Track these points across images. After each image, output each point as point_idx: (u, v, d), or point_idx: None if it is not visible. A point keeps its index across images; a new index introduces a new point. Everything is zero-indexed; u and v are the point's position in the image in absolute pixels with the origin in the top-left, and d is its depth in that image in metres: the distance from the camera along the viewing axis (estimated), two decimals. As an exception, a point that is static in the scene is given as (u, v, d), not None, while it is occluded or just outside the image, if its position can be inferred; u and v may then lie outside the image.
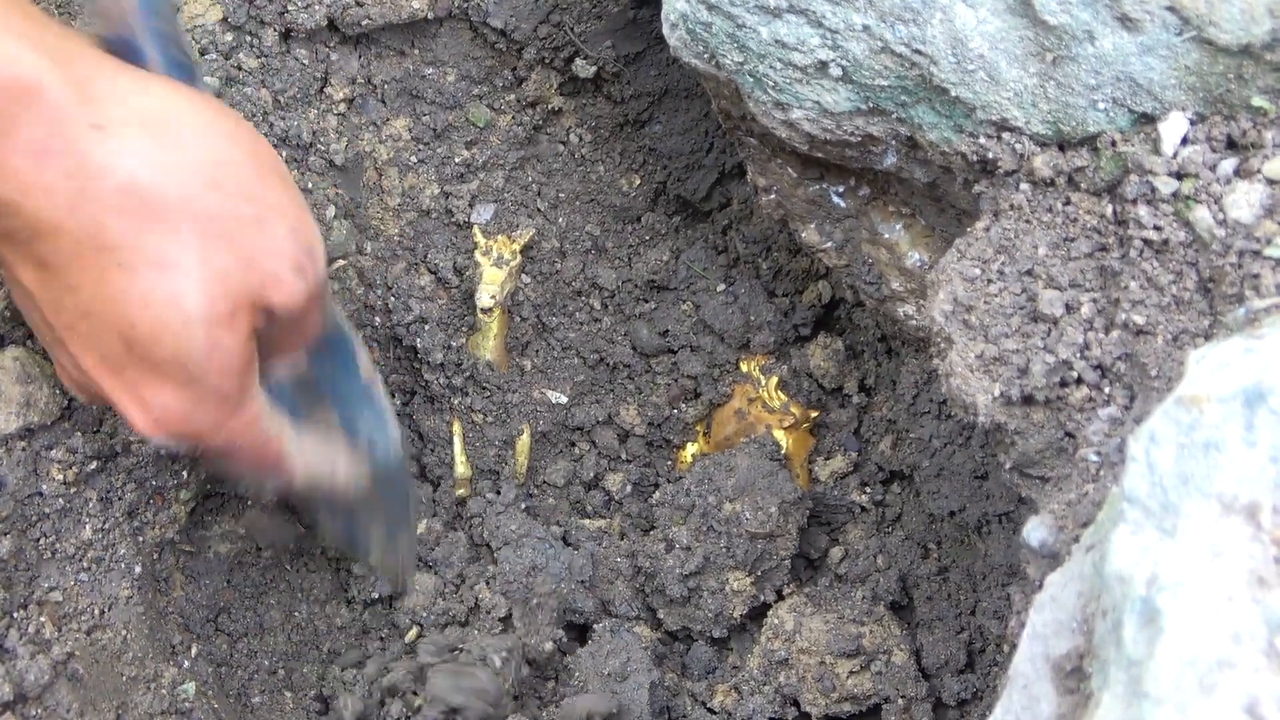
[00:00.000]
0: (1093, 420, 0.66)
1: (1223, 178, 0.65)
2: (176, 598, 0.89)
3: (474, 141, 1.08)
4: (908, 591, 1.04)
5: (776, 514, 1.02)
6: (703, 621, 1.03)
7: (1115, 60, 0.66)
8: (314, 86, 1.00)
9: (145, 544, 0.84)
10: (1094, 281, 0.68)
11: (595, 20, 1.04)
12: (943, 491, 0.99)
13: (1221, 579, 0.48)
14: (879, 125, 0.76)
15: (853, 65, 0.73)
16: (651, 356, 1.14)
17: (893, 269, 0.89)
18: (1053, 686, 0.56)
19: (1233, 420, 0.51)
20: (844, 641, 0.97)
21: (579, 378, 1.12)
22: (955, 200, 0.81)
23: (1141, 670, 0.48)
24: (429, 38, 1.05)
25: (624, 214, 1.15)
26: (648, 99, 1.09)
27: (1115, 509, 0.54)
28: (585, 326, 1.13)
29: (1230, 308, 0.62)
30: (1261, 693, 0.45)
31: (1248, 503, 0.50)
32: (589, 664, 0.97)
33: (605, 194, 1.14)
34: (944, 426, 0.99)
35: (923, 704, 0.95)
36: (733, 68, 0.77)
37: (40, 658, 0.76)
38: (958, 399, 0.71)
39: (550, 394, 1.10)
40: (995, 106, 0.70)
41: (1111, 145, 0.68)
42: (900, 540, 1.05)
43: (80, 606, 0.80)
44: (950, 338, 0.71)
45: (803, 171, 0.88)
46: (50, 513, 0.79)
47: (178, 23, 0.79)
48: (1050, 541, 0.64)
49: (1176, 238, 0.65)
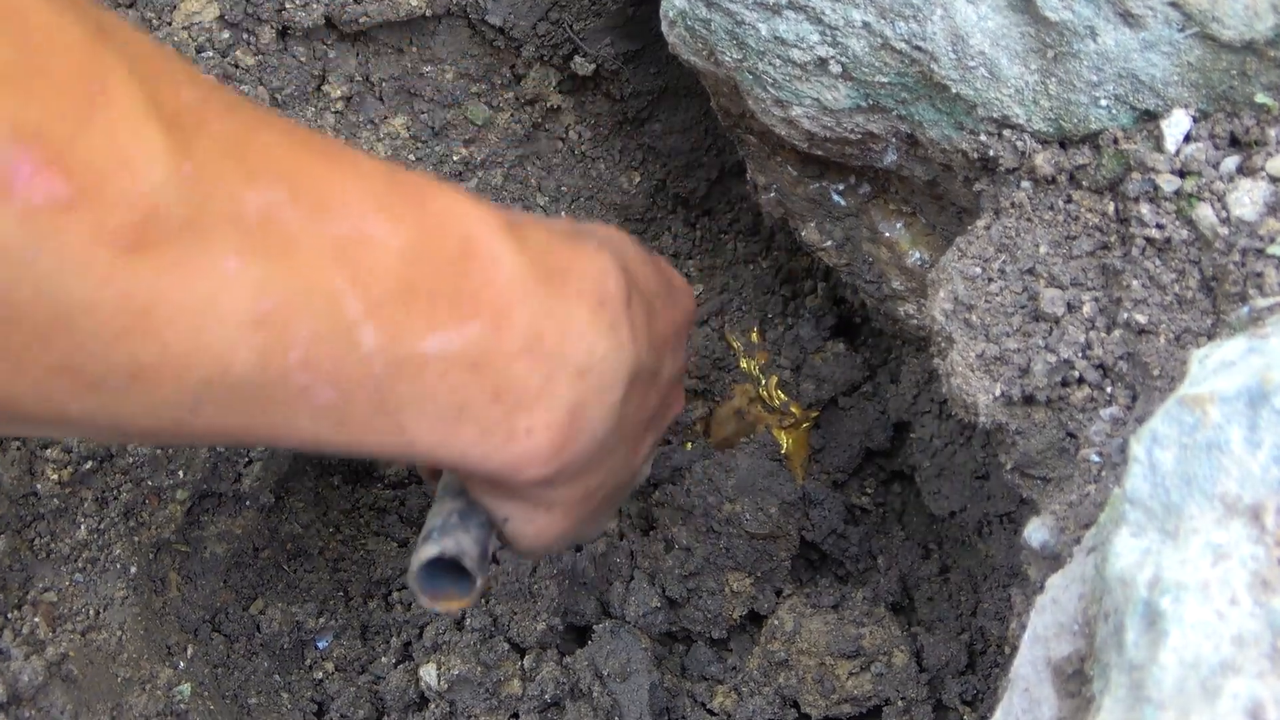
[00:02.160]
0: (1094, 420, 0.65)
1: (1226, 175, 0.64)
2: (173, 598, 0.89)
3: (472, 139, 1.08)
4: (908, 592, 1.03)
5: (776, 514, 1.01)
6: (702, 622, 1.02)
7: (1117, 57, 0.66)
8: (311, 84, 0.99)
9: (141, 544, 0.84)
10: (1096, 280, 0.68)
11: (594, 18, 1.03)
12: (943, 492, 0.99)
13: (1224, 581, 0.48)
14: (879, 122, 0.76)
15: (852, 62, 0.72)
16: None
17: (893, 268, 0.89)
18: (1054, 689, 0.55)
19: (1236, 420, 0.51)
20: (844, 643, 0.96)
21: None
22: (956, 198, 0.81)
23: (1143, 674, 0.47)
24: (427, 35, 1.04)
25: (624, 211, 1.14)
26: (647, 97, 1.09)
27: (1117, 510, 0.54)
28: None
29: (1233, 307, 0.61)
30: (1265, 697, 0.45)
31: (1251, 504, 0.49)
32: (589, 664, 0.96)
33: (605, 192, 1.13)
34: (945, 426, 0.99)
35: (923, 706, 0.95)
36: (732, 65, 0.77)
37: (34, 659, 0.75)
38: (958, 399, 0.70)
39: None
40: (996, 104, 0.70)
41: (1113, 143, 0.68)
42: (901, 541, 1.05)
43: (75, 607, 0.80)
44: (951, 337, 0.71)
45: (802, 169, 0.87)
46: (45, 513, 0.79)
47: None
48: (1051, 543, 0.64)
49: (1179, 236, 0.64)
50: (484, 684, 0.95)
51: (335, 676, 0.99)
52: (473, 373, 0.52)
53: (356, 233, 0.48)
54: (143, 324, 0.42)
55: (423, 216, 0.51)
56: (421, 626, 1.00)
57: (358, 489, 1.06)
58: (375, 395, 0.50)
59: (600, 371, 0.57)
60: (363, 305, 0.48)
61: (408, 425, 0.52)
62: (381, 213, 0.50)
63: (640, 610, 1.00)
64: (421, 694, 0.97)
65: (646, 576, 1.02)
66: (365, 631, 1.02)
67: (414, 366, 0.50)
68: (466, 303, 0.52)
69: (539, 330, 0.54)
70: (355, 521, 1.05)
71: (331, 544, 1.03)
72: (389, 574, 1.04)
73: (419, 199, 0.52)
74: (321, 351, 0.47)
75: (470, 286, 0.52)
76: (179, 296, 0.42)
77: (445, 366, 0.51)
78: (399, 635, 1.01)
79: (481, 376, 0.52)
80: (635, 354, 0.60)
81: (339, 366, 0.48)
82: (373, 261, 0.48)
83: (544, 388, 0.55)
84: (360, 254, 0.48)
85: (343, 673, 0.99)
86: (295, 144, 0.48)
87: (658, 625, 1.02)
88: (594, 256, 0.59)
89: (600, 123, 1.11)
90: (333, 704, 0.98)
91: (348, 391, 0.49)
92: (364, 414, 0.50)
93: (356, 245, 0.48)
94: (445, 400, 0.52)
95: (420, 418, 0.52)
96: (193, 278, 0.43)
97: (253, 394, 0.46)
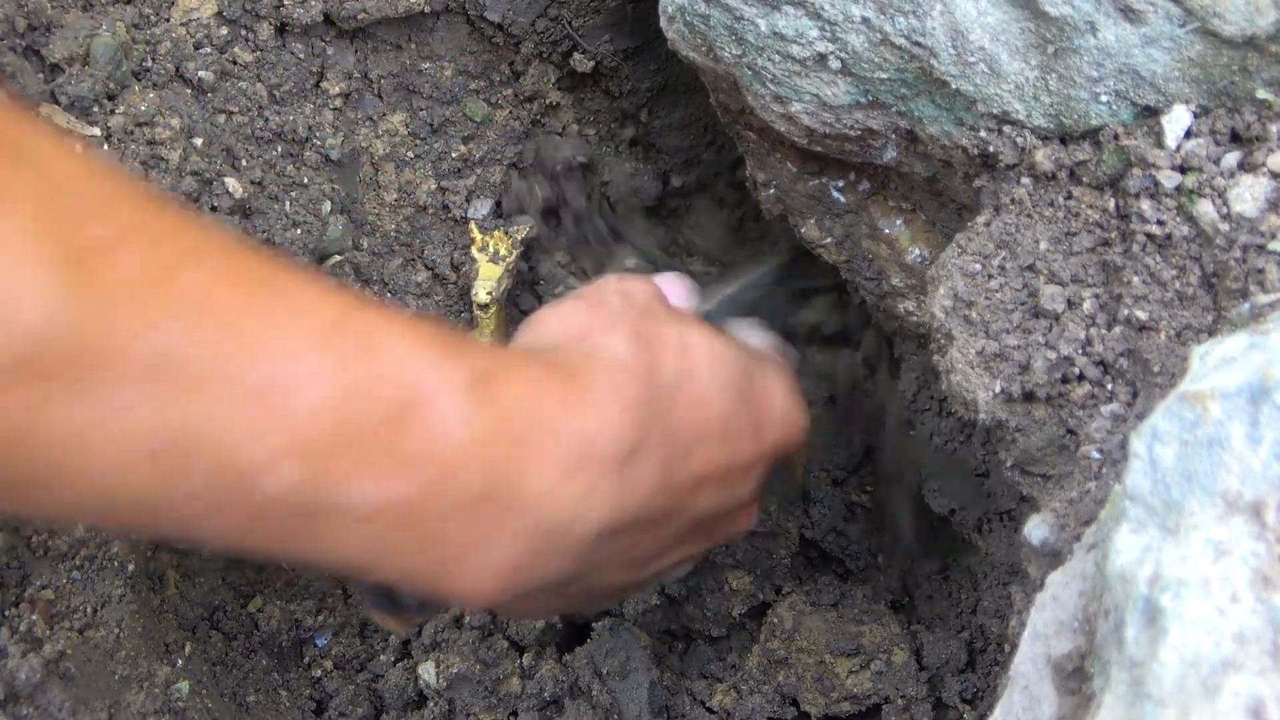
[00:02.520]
0: (1095, 417, 0.65)
1: (1227, 171, 0.64)
2: (171, 596, 0.89)
3: (471, 136, 1.07)
4: (908, 590, 1.03)
5: (776, 512, 1.01)
6: (702, 620, 1.02)
7: (1117, 52, 0.66)
8: (310, 81, 0.99)
9: (139, 541, 0.84)
10: (1096, 276, 0.68)
11: (593, 14, 1.03)
12: (943, 489, 0.99)
13: (1225, 578, 0.48)
14: (879, 119, 0.76)
15: (852, 58, 0.72)
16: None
17: (893, 264, 0.89)
18: (1054, 687, 0.55)
19: (1237, 417, 0.50)
20: (843, 641, 0.96)
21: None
22: (956, 195, 0.80)
23: (1144, 671, 0.47)
24: (425, 32, 1.04)
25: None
26: (646, 93, 1.09)
27: (1117, 507, 0.54)
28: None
29: (1234, 303, 0.61)
30: (1267, 694, 0.45)
31: (1252, 501, 0.49)
32: (588, 662, 0.96)
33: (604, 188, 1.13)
34: (944, 424, 0.99)
35: (923, 704, 0.94)
36: (731, 61, 0.77)
37: (32, 656, 0.75)
38: (958, 396, 0.70)
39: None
40: (996, 99, 0.70)
41: (1114, 139, 0.68)
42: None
43: (73, 605, 0.80)
44: (950, 334, 0.70)
45: (802, 166, 0.87)
46: (42, 510, 0.79)
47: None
48: (1051, 540, 0.64)
49: (1180, 232, 0.64)
50: (483, 682, 0.95)
51: (334, 674, 0.99)
52: (398, 527, 0.52)
53: (279, 375, 0.48)
54: (24, 441, 0.43)
55: (365, 365, 0.50)
56: (420, 625, 1.00)
57: (356, 487, 1.06)
58: (284, 531, 0.50)
59: (562, 531, 0.56)
60: (273, 449, 0.48)
61: (325, 558, 0.52)
62: (316, 356, 0.49)
63: (639, 608, 1.00)
64: (420, 692, 0.97)
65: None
66: (364, 629, 1.02)
67: (330, 512, 0.50)
68: (400, 459, 0.51)
69: (487, 491, 0.53)
70: (354, 519, 1.05)
71: (330, 542, 1.03)
72: (388, 572, 1.04)
73: (367, 346, 0.51)
74: (220, 488, 0.47)
75: (407, 444, 0.51)
76: (60, 421, 0.43)
77: (366, 516, 0.51)
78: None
79: (408, 530, 0.52)
80: (621, 509, 0.58)
81: (239, 505, 0.48)
82: (293, 406, 0.48)
83: (484, 542, 0.54)
84: (278, 398, 0.48)
85: (341, 670, 0.99)
86: (226, 282, 0.48)
87: (657, 623, 1.02)
88: (590, 412, 0.57)
89: (600, 119, 1.11)
90: (331, 702, 0.98)
91: (252, 526, 0.49)
92: (274, 543, 0.51)
93: (275, 388, 0.48)
94: (365, 545, 0.52)
95: (338, 554, 0.52)
96: (76, 407, 0.43)
97: (153, 512, 0.47)
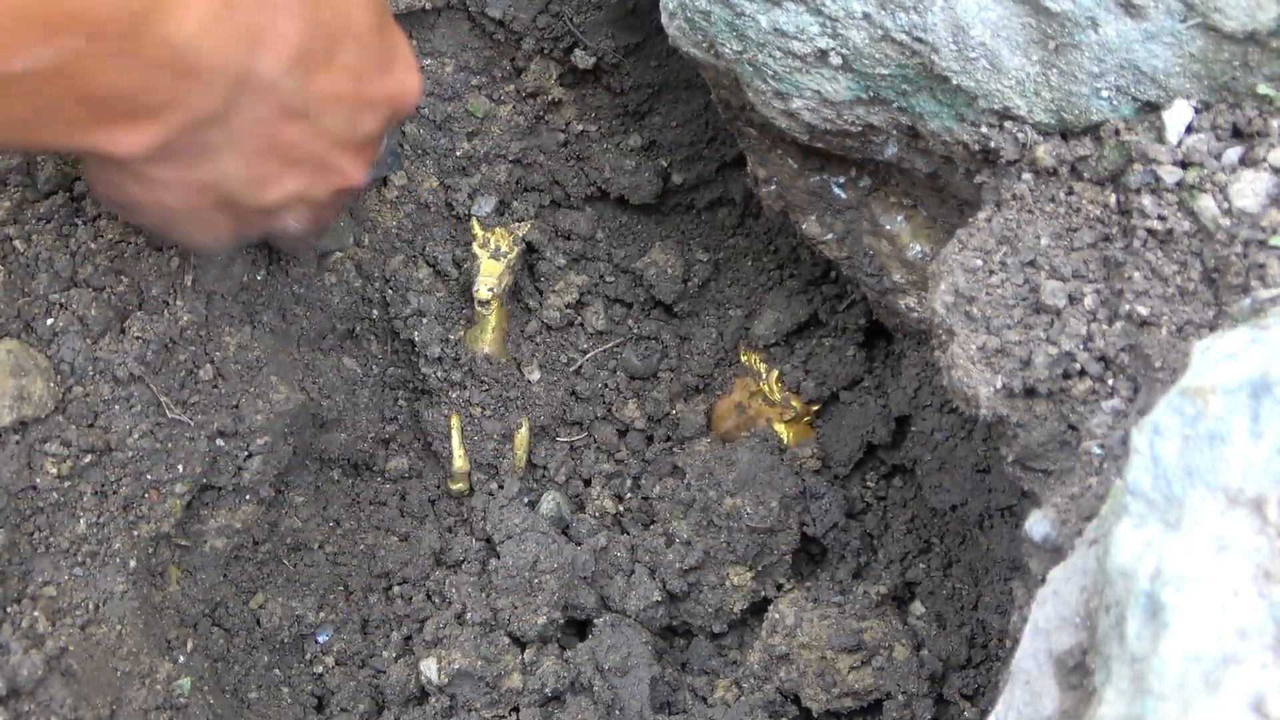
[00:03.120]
0: (1096, 412, 0.65)
1: (1228, 166, 0.64)
2: (172, 592, 0.89)
3: (475, 132, 1.07)
4: (909, 586, 1.03)
5: (777, 508, 1.01)
6: (703, 616, 1.02)
7: (1119, 48, 0.66)
8: (311, 77, 0.99)
9: (140, 538, 0.84)
10: (1097, 272, 0.68)
11: (594, 10, 1.03)
12: (945, 485, 0.99)
13: (1227, 573, 0.48)
14: (880, 115, 0.76)
15: (853, 54, 0.72)
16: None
17: (894, 261, 0.89)
18: (1055, 682, 0.55)
19: (1238, 412, 0.50)
20: (845, 636, 0.96)
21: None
22: (957, 191, 0.80)
23: (1145, 666, 0.47)
24: (427, 28, 1.04)
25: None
26: (647, 90, 1.08)
27: (1118, 502, 0.54)
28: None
29: (1235, 298, 0.61)
30: (1268, 688, 0.45)
31: (1253, 495, 0.49)
32: (589, 658, 0.96)
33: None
34: (946, 419, 0.99)
35: (924, 699, 0.94)
36: (732, 57, 0.77)
37: (34, 653, 0.75)
38: (959, 391, 0.70)
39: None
40: (997, 95, 0.69)
41: (1115, 134, 0.68)
42: (902, 534, 1.05)
43: (74, 601, 0.80)
44: (952, 329, 0.70)
45: (803, 162, 0.87)
46: (44, 506, 0.79)
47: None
48: (1053, 535, 0.64)
49: (1181, 227, 0.64)
50: (484, 678, 0.95)
51: (335, 670, 0.99)
52: (55, 85, 0.59)
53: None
54: None
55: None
56: (422, 621, 1.00)
57: (358, 483, 1.06)
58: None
59: (203, 67, 0.62)
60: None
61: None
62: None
63: (641, 604, 1.00)
64: (422, 688, 0.97)
65: (647, 570, 1.01)
66: (365, 625, 1.02)
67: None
68: (59, 21, 0.57)
69: (138, 37, 0.59)
70: (355, 515, 1.05)
71: (331, 538, 1.03)
72: (389, 568, 1.04)
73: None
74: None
75: (65, 6, 0.57)
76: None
77: (33, 82, 0.58)
78: (399, 629, 1.01)
79: (66, 87, 0.59)
80: (255, 58, 0.64)
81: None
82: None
83: (138, 88, 0.61)
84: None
85: (343, 667, 0.99)
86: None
87: (658, 619, 1.02)
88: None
89: (601, 116, 1.11)
90: (333, 698, 0.98)
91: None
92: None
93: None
94: (29, 107, 0.60)
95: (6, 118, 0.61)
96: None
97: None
